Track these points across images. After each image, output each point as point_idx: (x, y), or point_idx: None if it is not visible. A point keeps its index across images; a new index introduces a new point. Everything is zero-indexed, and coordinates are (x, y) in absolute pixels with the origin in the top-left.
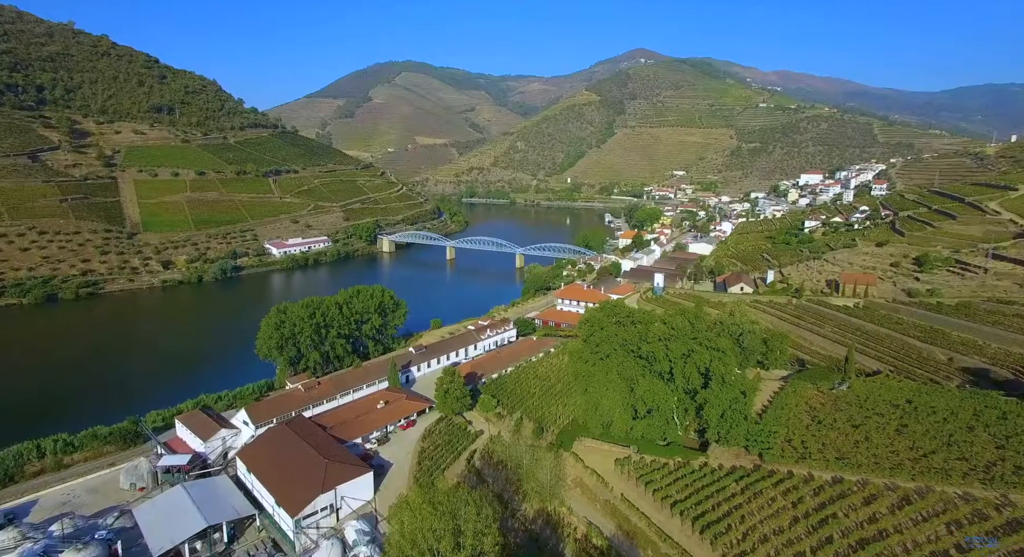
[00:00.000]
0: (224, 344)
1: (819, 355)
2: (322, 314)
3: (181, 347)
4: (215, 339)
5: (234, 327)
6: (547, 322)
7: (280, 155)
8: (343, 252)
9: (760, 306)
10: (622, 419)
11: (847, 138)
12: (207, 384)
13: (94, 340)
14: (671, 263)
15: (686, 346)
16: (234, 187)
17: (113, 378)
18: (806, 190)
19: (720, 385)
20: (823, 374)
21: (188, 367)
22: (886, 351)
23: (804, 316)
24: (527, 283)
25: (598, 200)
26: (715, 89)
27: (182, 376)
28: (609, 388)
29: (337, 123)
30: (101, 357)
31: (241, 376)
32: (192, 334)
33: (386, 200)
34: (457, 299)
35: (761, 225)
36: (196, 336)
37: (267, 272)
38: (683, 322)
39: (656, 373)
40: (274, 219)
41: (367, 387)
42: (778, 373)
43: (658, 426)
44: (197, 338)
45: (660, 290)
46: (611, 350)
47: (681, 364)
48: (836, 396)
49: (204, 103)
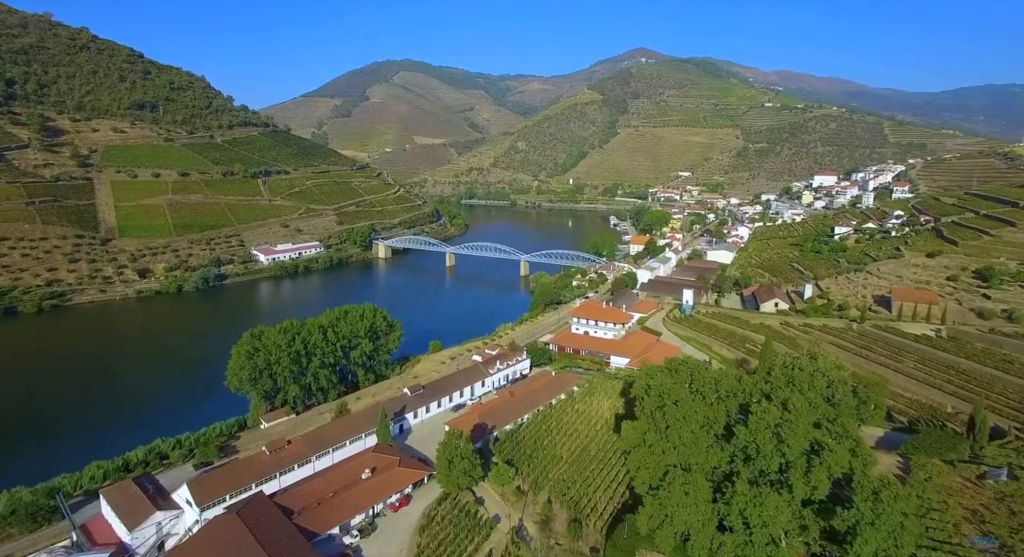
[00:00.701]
0: (194, 367)
1: (905, 399)
2: (303, 340)
3: (144, 371)
4: (185, 361)
5: (209, 346)
6: (563, 348)
7: (270, 155)
8: (336, 258)
9: (810, 331)
10: (704, 535)
11: (856, 138)
12: (168, 421)
13: (43, 362)
14: (690, 272)
15: (807, 438)
16: (220, 189)
17: (49, 415)
18: (820, 192)
19: (871, 504)
20: (944, 442)
21: (148, 398)
22: (1009, 401)
23: (873, 347)
24: (535, 296)
25: (601, 202)
26: (719, 88)
27: (139, 411)
28: (688, 493)
29: (333, 123)
30: (41, 386)
31: (211, 409)
32: (160, 354)
33: (382, 202)
34: (458, 313)
35: (781, 230)
36: (164, 357)
37: (253, 281)
38: (800, 401)
39: (757, 472)
40: (262, 223)
41: (351, 443)
42: (872, 433)
43: (759, 548)
44: (165, 359)
45: (690, 308)
46: (690, 437)
47: (801, 465)
48: (999, 492)
49: (190, 100)
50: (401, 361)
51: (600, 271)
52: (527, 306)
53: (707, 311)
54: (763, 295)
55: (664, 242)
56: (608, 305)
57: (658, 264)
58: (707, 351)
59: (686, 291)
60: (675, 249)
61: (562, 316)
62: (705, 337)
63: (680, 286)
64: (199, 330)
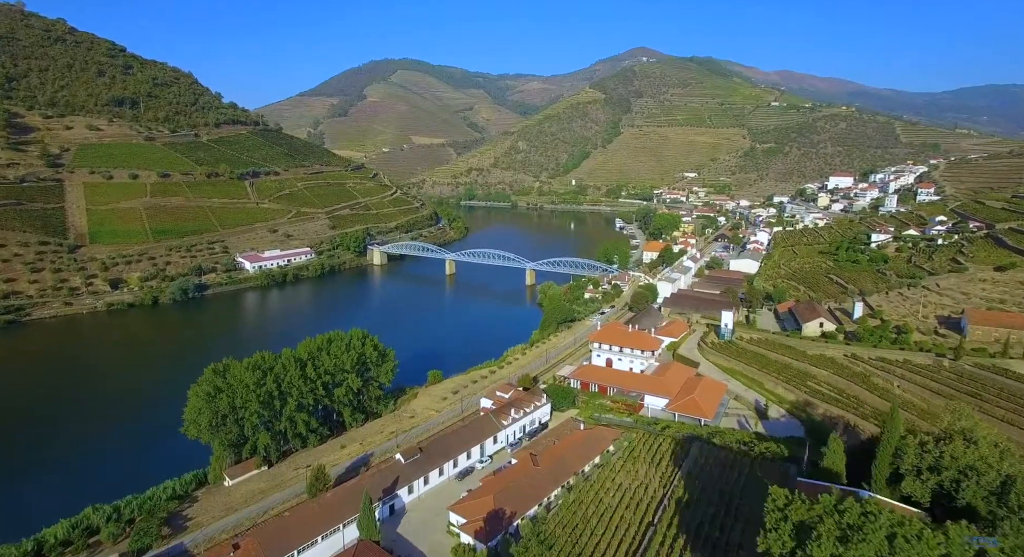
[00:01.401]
0: (152, 402)
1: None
2: (276, 378)
3: (88, 407)
4: (146, 392)
5: (175, 373)
6: (587, 385)
7: (259, 155)
8: (328, 266)
9: (888, 367)
10: None
11: (867, 138)
12: (109, 473)
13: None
14: (713, 284)
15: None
16: (203, 191)
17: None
18: (837, 194)
19: None
20: None
21: (86, 446)
22: None
23: (983, 392)
24: (546, 313)
25: (605, 203)
26: (723, 87)
27: (71, 463)
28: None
29: (330, 122)
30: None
31: (167, 459)
32: (113, 384)
33: (378, 205)
34: (459, 329)
35: (805, 236)
36: (117, 388)
37: (237, 291)
38: None
39: None
40: (248, 228)
41: (324, 539)
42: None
43: None
44: (117, 391)
45: (729, 333)
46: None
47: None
48: None
49: (175, 97)
50: (396, 393)
51: (614, 282)
52: (536, 320)
53: (749, 336)
54: (804, 313)
55: (677, 247)
56: (634, 328)
57: (678, 275)
58: (758, 389)
59: (725, 313)
60: (692, 257)
61: (579, 336)
62: (754, 370)
63: (708, 302)
64: (166, 351)
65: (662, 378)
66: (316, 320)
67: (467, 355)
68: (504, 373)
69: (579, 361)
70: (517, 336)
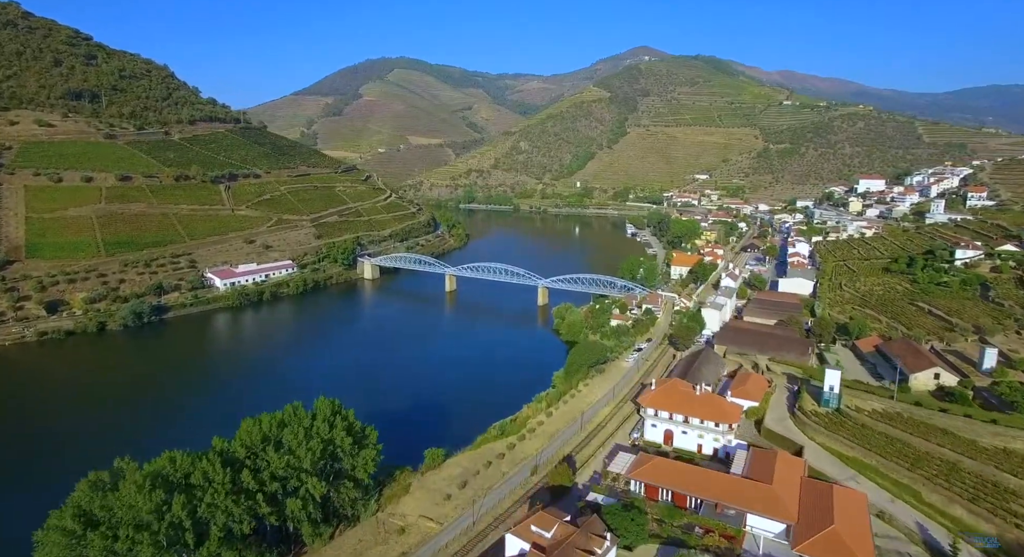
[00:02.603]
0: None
1: None
2: (190, 500)
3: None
4: (32, 475)
5: (94, 434)
6: (654, 492)
7: (238, 155)
8: (312, 281)
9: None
10: None
11: (887, 138)
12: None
13: None
14: (765, 310)
15: None
16: (170, 196)
17: None
18: (869, 198)
19: None
20: None
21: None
22: None
23: None
24: (573, 355)
25: (612, 206)
26: (731, 86)
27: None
28: None
29: (324, 121)
30: None
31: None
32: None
33: (370, 210)
34: (463, 366)
35: (854, 248)
36: None
37: (204, 313)
38: None
39: None
40: (221, 238)
41: None
42: None
43: None
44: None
45: (835, 399)
46: None
47: None
48: None
49: (144, 91)
50: (380, 481)
51: (645, 305)
52: (553, 350)
53: (869, 408)
54: (907, 358)
55: (706, 258)
56: (702, 391)
57: (724, 300)
58: (914, 502)
59: (830, 372)
60: (731, 273)
61: (616, 386)
62: (899, 468)
63: (772, 338)
64: (101, 395)
65: (770, 490)
66: (288, 351)
67: (473, 407)
68: (526, 449)
69: (628, 433)
70: (534, 376)
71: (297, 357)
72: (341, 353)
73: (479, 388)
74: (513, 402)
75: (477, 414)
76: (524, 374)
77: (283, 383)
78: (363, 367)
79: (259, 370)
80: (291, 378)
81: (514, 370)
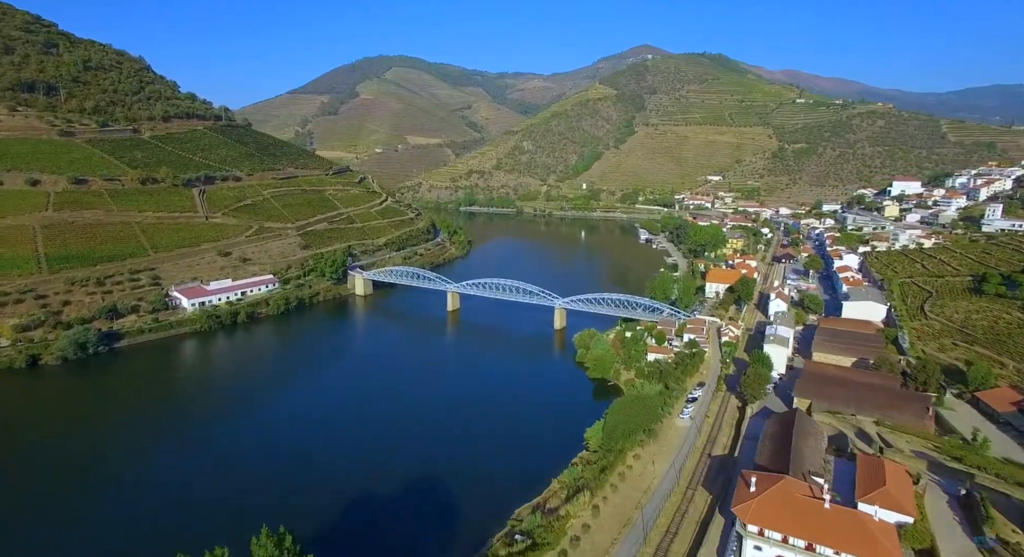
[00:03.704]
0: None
1: None
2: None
3: None
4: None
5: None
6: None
7: (217, 155)
8: (295, 298)
9: None
10: None
11: (908, 137)
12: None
13: None
14: (841, 344)
15: None
16: (133, 202)
17: None
18: (907, 202)
19: None
20: None
21: None
22: None
23: None
24: (614, 413)
25: (620, 209)
26: (741, 84)
27: None
28: None
29: (319, 121)
30: None
31: None
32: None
33: (364, 216)
34: (470, 417)
35: (916, 260)
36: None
37: (165, 340)
38: None
39: None
40: (192, 250)
41: None
42: None
43: None
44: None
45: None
46: None
47: None
48: None
49: (112, 83)
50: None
51: (690, 334)
52: (578, 388)
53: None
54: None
55: (731, 267)
56: (829, 502)
57: (787, 330)
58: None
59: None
60: (779, 292)
61: (676, 458)
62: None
63: (869, 389)
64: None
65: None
66: (254, 398)
67: (486, 482)
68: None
69: (709, 549)
70: (561, 428)
71: (265, 409)
72: (321, 398)
73: (492, 449)
74: (538, 471)
75: (492, 494)
76: (548, 424)
77: (232, 466)
78: (346, 423)
79: (207, 437)
80: (247, 452)
81: (535, 418)
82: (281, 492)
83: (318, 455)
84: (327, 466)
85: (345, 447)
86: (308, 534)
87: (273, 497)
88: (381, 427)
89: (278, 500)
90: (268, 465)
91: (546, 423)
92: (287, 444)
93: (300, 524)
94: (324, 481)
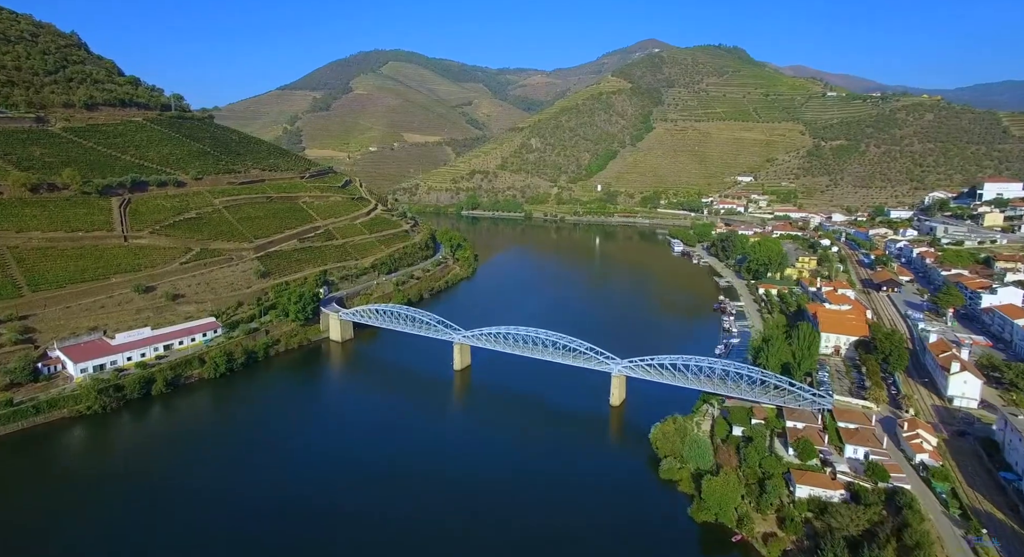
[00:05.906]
0: None
1: None
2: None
3: None
4: None
5: None
6: None
7: (156, 154)
8: (244, 352)
9: None
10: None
11: (963, 132)
12: None
13: None
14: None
15: None
16: (13, 218)
17: None
18: (1010, 209)
19: None
20: None
21: None
22: None
23: None
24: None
25: (641, 214)
26: (762, 77)
27: None
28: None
29: (309, 118)
30: None
31: None
32: None
33: (347, 231)
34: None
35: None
36: None
37: (25, 432)
38: None
39: None
40: (97, 286)
41: None
42: None
43: None
44: None
45: None
46: None
47: None
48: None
49: (14, 60)
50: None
51: (856, 444)
52: (670, 529)
53: None
54: None
55: (837, 304)
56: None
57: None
58: None
59: None
60: (962, 361)
61: None
62: None
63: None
64: None
65: None
66: None
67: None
68: None
69: None
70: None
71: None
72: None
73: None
74: None
75: None
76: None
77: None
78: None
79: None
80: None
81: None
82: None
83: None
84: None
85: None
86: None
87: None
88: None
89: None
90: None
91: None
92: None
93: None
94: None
